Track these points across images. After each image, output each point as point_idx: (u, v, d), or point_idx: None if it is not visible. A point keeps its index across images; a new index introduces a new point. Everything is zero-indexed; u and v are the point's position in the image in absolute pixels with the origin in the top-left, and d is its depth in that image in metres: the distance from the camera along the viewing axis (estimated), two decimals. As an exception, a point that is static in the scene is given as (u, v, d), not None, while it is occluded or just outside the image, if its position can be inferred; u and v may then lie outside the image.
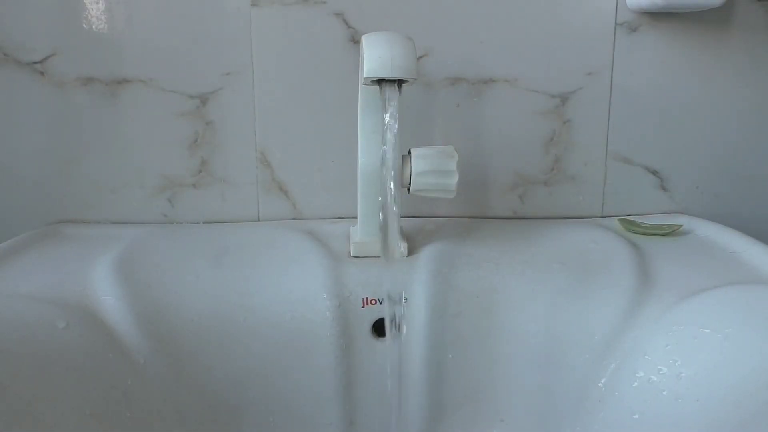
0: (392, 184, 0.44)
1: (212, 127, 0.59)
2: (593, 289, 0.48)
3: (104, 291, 0.47)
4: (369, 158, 0.50)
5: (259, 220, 0.61)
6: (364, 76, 0.44)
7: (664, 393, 0.42)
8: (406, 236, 0.53)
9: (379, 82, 0.44)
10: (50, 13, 0.56)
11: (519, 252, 0.53)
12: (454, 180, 0.49)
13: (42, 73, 0.57)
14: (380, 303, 0.48)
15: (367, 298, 0.48)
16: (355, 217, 0.53)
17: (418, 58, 0.55)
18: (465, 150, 0.59)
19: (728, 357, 0.41)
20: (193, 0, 0.57)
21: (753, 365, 0.40)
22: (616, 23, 0.58)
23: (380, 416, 0.48)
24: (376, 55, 0.43)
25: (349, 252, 0.52)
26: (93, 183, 0.60)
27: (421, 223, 0.59)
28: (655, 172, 0.62)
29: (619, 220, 0.61)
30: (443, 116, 0.59)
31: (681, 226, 0.58)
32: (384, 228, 0.44)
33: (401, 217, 0.52)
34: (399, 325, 0.44)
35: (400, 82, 0.44)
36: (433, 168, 0.49)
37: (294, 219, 0.61)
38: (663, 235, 0.57)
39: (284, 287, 0.49)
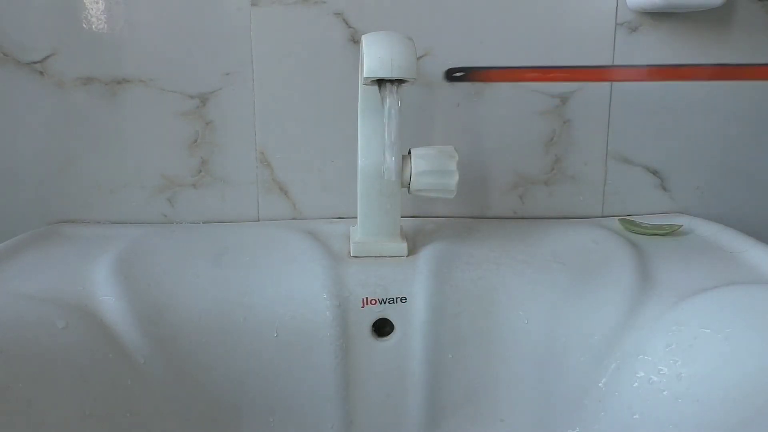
0: (392, 184, 0.44)
1: (212, 127, 0.59)
2: (593, 288, 0.48)
3: (104, 291, 0.47)
4: (369, 158, 0.50)
5: (259, 220, 0.61)
6: (364, 76, 0.44)
7: (664, 393, 0.42)
8: (406, 236, 0.53)
9: (379, 82, 0.44)
10: (50, 13, 0.56)
11: (519, 252, 0.53)
12: (454, 180, 0.49)
13: (42, 73, 0.57)
14: (380, 303, 0.48)
15: (366, 298, 0.48)
16: (355, 217, 0.53)
17: (418, 58, 0.55)
18: (465, 150, 0.59)
19: (728, 357, 0.41)
20: (193, 0, 0.57)
21: (753, 365, 0.40)
22: (616, 23, 0.58)
23: (380, 416, 0.48)
24: (376, 55, 0.43)
25: (349, 252, 0.52)
26: (93, 183, 0.60)
27: (421, 223, 0.59)
28: (655, 172, 0.62)
29: (619, 220, 0.61)
30: (443, 116, 0.59)
31: (681, 226, 0.58)
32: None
33: (401, 217, 0.52)
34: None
35: (400, 82, 0.44)
36: (433, 168, 0.49)
37: (294, 219, 0.61)
38: (663, 235, 0.57)
39: (284, 287, 0.49)
